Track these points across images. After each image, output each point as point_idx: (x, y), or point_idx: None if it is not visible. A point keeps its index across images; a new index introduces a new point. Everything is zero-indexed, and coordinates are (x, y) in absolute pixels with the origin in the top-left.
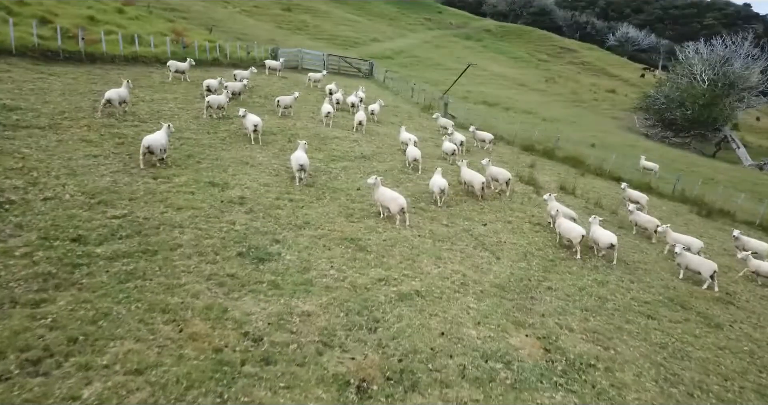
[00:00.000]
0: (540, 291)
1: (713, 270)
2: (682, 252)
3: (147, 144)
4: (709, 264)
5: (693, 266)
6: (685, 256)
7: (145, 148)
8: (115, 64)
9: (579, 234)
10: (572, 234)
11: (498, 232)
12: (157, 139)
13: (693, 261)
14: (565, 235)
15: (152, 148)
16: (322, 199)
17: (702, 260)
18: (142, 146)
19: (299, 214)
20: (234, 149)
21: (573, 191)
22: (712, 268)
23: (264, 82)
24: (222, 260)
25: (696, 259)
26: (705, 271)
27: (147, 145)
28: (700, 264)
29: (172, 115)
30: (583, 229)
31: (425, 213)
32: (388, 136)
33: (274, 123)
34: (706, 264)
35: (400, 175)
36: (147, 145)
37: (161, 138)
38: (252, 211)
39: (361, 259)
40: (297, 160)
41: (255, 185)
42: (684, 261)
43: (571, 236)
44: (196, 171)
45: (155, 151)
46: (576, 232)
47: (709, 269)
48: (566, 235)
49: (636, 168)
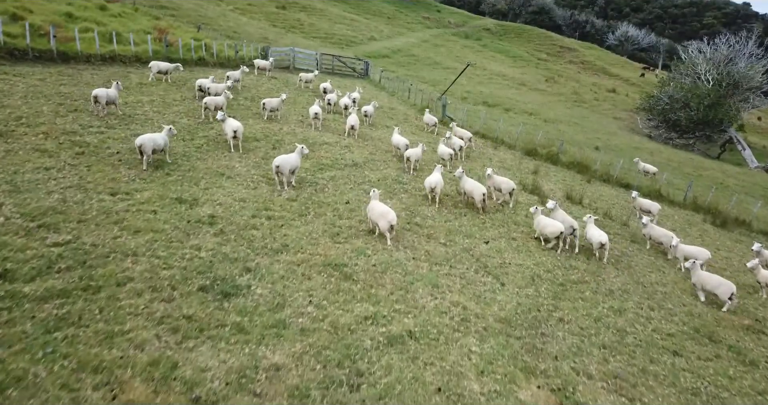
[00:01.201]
0: (551, 324)
1: (731, 292)
2: (696, 268)
3: (139, 143)
4: (726, 285)
5: (709, 287)
6: (700, 275)
7: (138, 146)
8: (90, 64)
9: (557, 229)
10: (548, 229)
11: (501, 252)
12: (155, 139)
13: (709, 281)
14: (541, 231)
15: (144, 147)
16: (305, 215)
17: (719, 281)
18: (136, 145)
19: (277, 235)
20: (210, 158)
21: (580, 201)
22: (730, 290)
23: (252, 83)
24: (180, 297)
25: (713, 280)
26: (722, 293)
27: (139, 143)
28: (717, 285)
29: (145, 119)
30: (561, 225)
31: (421, 229)
32: (382, 141)
33: (259, 128)
34: (723, 285)
35: (395, 185)
36: (139, 143)
37: (159, 139)
38: (222, 232)
39: (345, 290)
40: (285, 164)
41: (229, 201)
42: (699, 281)
43: (547, 231)
44: (163, 185)
45: (146, 151)
46: (554, 227)
47: (727, 291)
48: (543, 230)
49: (636, 171)
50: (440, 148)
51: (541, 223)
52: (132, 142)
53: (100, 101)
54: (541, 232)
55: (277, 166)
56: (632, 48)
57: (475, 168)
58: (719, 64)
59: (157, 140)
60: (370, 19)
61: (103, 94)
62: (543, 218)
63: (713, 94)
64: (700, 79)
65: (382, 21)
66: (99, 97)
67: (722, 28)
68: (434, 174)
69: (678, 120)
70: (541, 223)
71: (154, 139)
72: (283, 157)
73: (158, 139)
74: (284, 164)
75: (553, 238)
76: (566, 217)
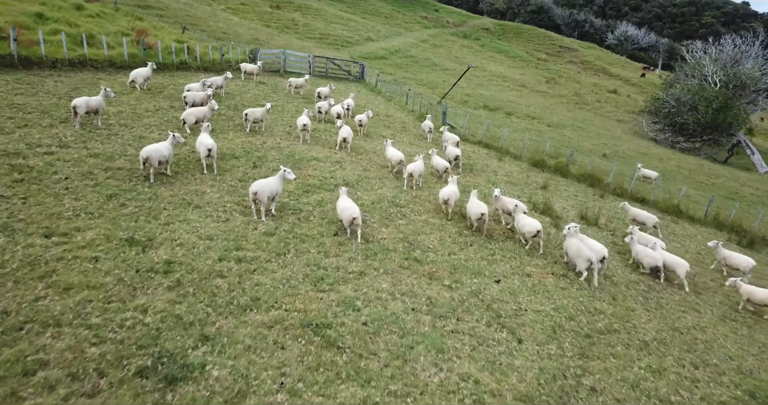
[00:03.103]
0: (582, 397)
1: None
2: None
3: (145, 155)
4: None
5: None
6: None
7: (143, 158)
8: (55, 70)
9: (534, 228)
10: (526, 228)
11: (515, 294)
12: (158, 150)
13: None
14: (520, 230)
15: (151, 159)
16: (284, 254)
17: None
18: (140, 157)
19: (248, 284)
20: (179, 182)
21: (596, 221)
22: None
23: (237, 89)
24: (108, 387)
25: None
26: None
27: (145, 156)
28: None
29: (108, 135)
30: (539, 224)
31: (421, 266)
32: (377, 154)
33: (240, 142)
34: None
35: (391, 209)
36: (145, 156)
37: (163, 149)
38: (180, 284)
39: (327, 364)
40: (263, 191)
41: (193, 239)
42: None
43: (525, 231)
44: (114, 220)
45: (153, 163)
46: (531, 226)
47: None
48: (521, 230)
49: (637, 178)
50: (433, 158)
51: (520, 222)
52: (84, 164)
53: (78, 112)
54: (520, 231)
55: (254, 193)
56: (632, 47)
57: (480, 184)
58: (725, 66)
59: (162, 151)
60: (367, 19)
61: (82, 104)
62: (523, 216)
63: (722, 96)
64: (707, 81)
65: (379, 20)
66: (78, 107)
67: (721, 28)
68: (450, 186)
69: (685, 123)
70: (520, 222)
71: (159, 149)
72: (262, 182)
73: (163, 150)
74: (262, 191)
75: (530, 237)
76: (595, 244)
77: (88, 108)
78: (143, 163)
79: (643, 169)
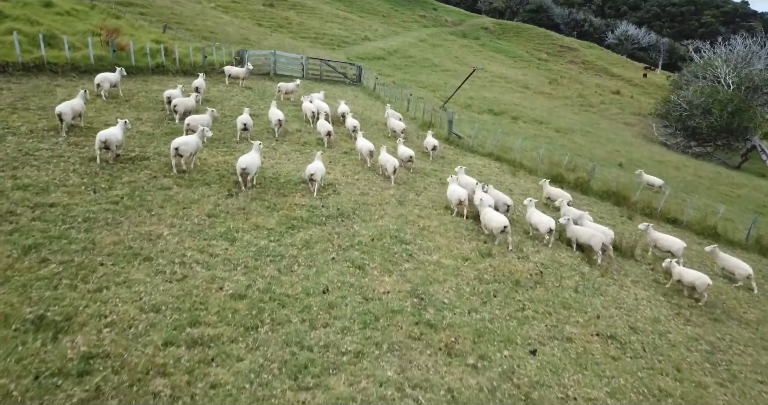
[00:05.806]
0: None
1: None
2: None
3: (103, 138)
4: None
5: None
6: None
7: (101, 143)
8: (5, 75)
9: (501, 224)
10: (493, 224)
11: (558, 372)
12: (189, 142)
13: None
14: (486, 225)
15: (109, 142)
16: (256, 328)
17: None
18: (97, 140)
19: (200, 386)
20: (126, 222)
21: (632, 253)
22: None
23: (220, 95)
24: None
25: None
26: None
27: (103, 139)
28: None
29: (50, 156)
30: (505, 219)
31: (436, 333)
32: (376, 173)
33: (214, 162)
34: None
35: (395, 247)
36: (103, 139)
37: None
38: (99, 394)
39: None
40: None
41: (131, 313)
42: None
43: (492, 226)
44: (22, 288)
45: (111, 147)
46: (498, 222)
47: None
48: (488, 224)
49: (640, 183)
50: (450, 187)
51: (486, 216)
52: (4, 200)
53: (65, 119)
54: (486, 226)
55: (242, 168)
56: (632, 47)
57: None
58: (737, 67)
59: (191, 143)
60: (364, 18)
61: (68, 110)
62: (489, 211)
63: (737, 99)
64: (719, 83)
65: (377, 19)
66: (63, 114)
67: (721, 27)
68: (454, 185)
69: (698, 127)
70: (486, 216)
71: (189, 142)
72: (248, 158)
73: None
74: (251, 166)
75: (498, 233)
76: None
77: (74, 113)
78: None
79: (646, 175)
